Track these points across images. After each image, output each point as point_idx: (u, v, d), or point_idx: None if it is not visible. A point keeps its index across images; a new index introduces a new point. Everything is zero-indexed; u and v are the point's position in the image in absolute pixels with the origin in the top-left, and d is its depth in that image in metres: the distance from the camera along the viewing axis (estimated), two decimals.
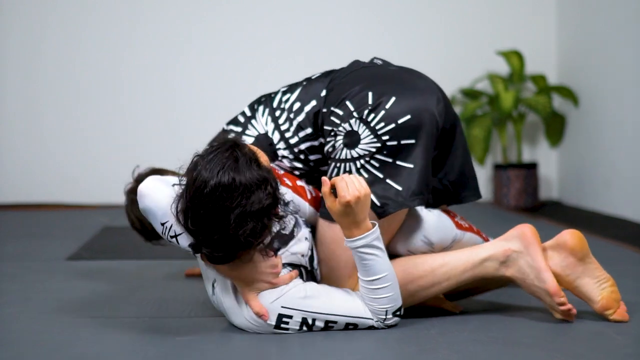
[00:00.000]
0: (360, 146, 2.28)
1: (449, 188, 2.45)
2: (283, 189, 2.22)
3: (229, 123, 2.57)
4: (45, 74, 5.42)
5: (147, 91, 5.49)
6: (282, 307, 2.13)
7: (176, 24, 5.46)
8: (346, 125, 2.30)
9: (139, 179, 2.74)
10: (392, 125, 2.26)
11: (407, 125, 2.26)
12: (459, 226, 2.42)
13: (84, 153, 5.45)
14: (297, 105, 2.44)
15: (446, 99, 2.41)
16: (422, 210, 2.37)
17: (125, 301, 2.62)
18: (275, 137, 2.45)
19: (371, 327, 2.20)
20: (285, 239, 2.21)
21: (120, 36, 5.45)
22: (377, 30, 5.56)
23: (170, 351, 2.07)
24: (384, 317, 2.18)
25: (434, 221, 2.37)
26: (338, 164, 2.31)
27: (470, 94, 5.39)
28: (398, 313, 2.20)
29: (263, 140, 2.45)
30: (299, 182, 2.37)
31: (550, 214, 4.94)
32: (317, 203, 2.35)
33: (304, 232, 2.28)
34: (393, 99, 2.28)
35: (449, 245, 2.39)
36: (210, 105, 5.47)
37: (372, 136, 2.27)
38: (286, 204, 2.17)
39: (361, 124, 2.28)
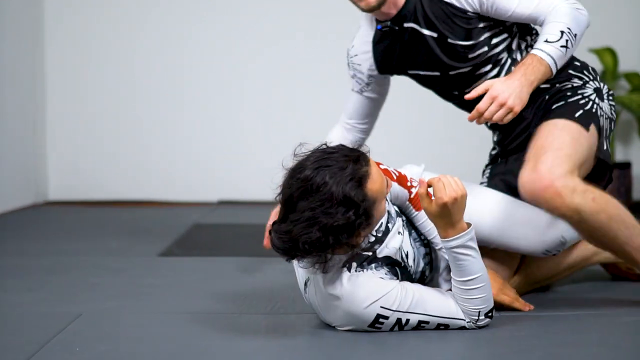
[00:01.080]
0: (603, 101, 2.60)
1: None
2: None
3: None
4: (133, 74, 5.54)
5: (247, 94, 5.55)
6: (382, 307, 2.12)
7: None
8: (598, 85, 2.63)
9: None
10: (614, 117, 2.65)
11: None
12: None
13: (177, 153, 5.54)
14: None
15: None
16: None
17: (214, 297, 2.66)
18: None
19: (462, 328, 2.18)
20: (381, 237, 2.20)
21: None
22: None
23: (261, 347, 2.10)
24: (477, 317, 2.17)
25: None
26: (585, 99, 2.55)
27: None
28: (490, 314, 2.19)
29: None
30: (382, 166, 2.34)
31: None
32: (403, 182, 2.36)
33: (398, 224, 2.27)
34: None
35: None
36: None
37: (608, 105, 2.61)
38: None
39: (607, 94, 2.62)
